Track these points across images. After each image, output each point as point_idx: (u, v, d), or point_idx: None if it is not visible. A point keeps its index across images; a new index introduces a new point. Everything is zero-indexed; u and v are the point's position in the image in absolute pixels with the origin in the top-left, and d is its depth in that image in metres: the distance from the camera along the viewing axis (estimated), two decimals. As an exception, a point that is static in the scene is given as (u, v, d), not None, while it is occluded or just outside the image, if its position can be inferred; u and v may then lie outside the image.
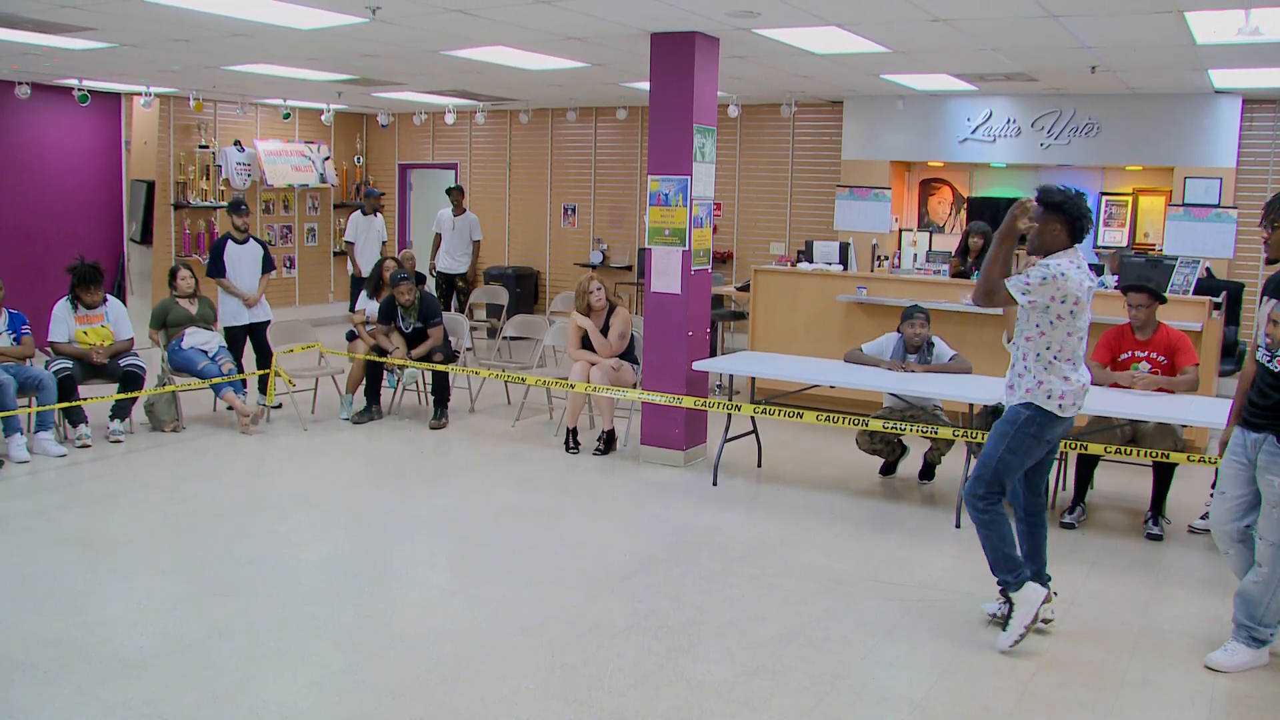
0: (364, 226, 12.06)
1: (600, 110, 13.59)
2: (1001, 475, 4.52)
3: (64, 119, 11.72)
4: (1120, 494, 6.98)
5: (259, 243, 9.25)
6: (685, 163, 7.33)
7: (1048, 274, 4.38)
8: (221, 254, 8.99)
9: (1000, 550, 4.55)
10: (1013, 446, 4.51)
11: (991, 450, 4.54)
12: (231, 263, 8.99)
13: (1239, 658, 4.36)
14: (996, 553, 4.55)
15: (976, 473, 4.57)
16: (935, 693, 4.15)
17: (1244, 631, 4.38)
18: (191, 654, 4.30)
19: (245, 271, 9.05)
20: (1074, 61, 8.19)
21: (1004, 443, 4.51)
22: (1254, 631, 4.35)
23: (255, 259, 9.13)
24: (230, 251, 9.01)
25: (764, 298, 9.60)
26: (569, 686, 4.08)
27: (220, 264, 8.98)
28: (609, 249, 13.72)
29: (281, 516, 6.24)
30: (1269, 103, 10.09)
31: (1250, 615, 4.35)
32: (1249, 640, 4.37)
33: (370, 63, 9.39)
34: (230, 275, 8.98)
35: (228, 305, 9.00)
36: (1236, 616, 4.42)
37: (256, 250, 9.15)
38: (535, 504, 6.57)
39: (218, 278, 8.98)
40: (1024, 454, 4.54)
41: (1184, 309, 7.64)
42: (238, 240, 9.07)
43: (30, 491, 6.62)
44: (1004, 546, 4.54)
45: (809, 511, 6.52)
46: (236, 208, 9.15)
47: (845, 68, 9.08)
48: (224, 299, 9.01)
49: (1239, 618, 4.41)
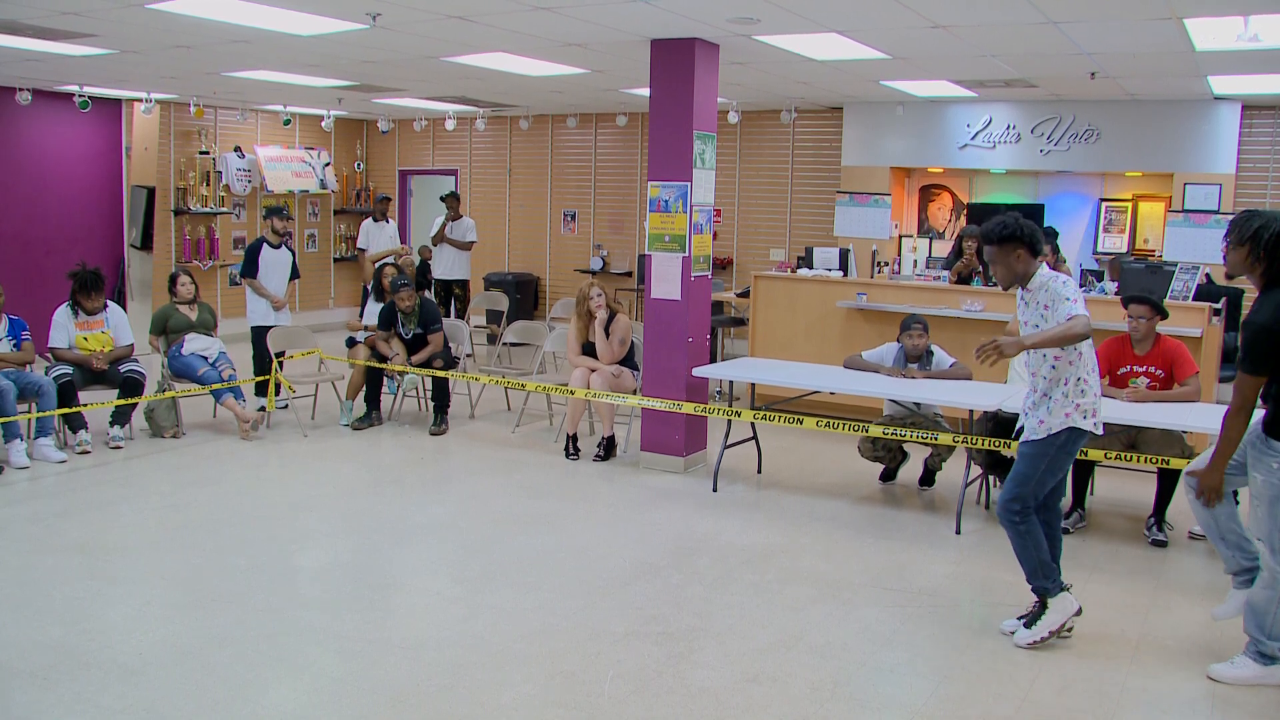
0: (375, 233, 12.13)
1: (600, 116, 13.61)
2: (1038, 493, 4.60)
3: (65, 125, 11.73)
4: (1121, 500, 6.98)
5: (290, 250, 9.40)
6: (685, 169, 7.33)
7: (1061, 281, 4.48)
8: (257, 256, 9.15)
9: (1038, 558, 4.61)
10: (1053, 468, 4.59)
11: (1029, 471, 4.57)
12: (265, 265, 9.17)
13: (1245, 672, 4.31)
14: (1034, 561, 4.61)
15: (1013, 491, 4.59)
16: (935, 700, 4.14)
17: (1253, 645, 4.33)
18: (190, 661, 4.30)
19: (276, 275, 9.22)
20: (1074, 68, 8.20)
21: (1043, 463, 4.56)
22: (1261, 645, 4.29)
23: (285, 264, 9.31)
24: (265, 255, 9.17)
25: (764, 304, 9.61)
26: (568, 693, 4.07)
27: (255, 265, 9.13)
28: (609, 255, 13.72)
29: (281, 523, 6.24)
30: (1268, 109, 10.10)
31: (1259, 626, 4.30)
32: (1257, 655, 4.31)
33: (370, 69, 9.41)
34: (261, 278, 9.12)
35: (257, 306, 9.17)
36: (1246, 627, 4.38)
37: (287, 256, 9.33)
38: (535, 510, 6.56)
39: (251, 278, 9.10)
40: (1060, 471, 4.64)
41: (1184, 315, 7.63)
42: (273, 245, 9.21)
43: (30, 497, 6.62)
44: (1040, 554, 4.61)
45: (809, 518, 6.51)
46: (278, 213, 9.33)
47: (845, 74, 9.09)
48: (253, 300, 9.18)
49: (1248, 629, 4.36)
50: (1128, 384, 6.27)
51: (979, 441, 6.30)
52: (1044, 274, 4.55)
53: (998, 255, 4.57)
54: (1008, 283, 4.63)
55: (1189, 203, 10.21)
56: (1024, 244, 4.52)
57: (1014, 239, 4.52)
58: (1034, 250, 4.55)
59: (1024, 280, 4.58)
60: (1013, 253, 4.54)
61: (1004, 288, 4.69)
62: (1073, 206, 11.37)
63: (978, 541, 6.09)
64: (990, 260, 4.62)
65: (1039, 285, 4.55)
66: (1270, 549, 4.24)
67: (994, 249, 4.57)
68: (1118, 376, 6.35)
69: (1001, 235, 4.53)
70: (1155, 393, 6.19)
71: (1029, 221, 4.57)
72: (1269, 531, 4.23)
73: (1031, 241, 4.53)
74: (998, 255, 4.57)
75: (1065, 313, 4.42)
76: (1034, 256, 4.55)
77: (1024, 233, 4.52)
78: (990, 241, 4.57)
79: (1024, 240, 4.52)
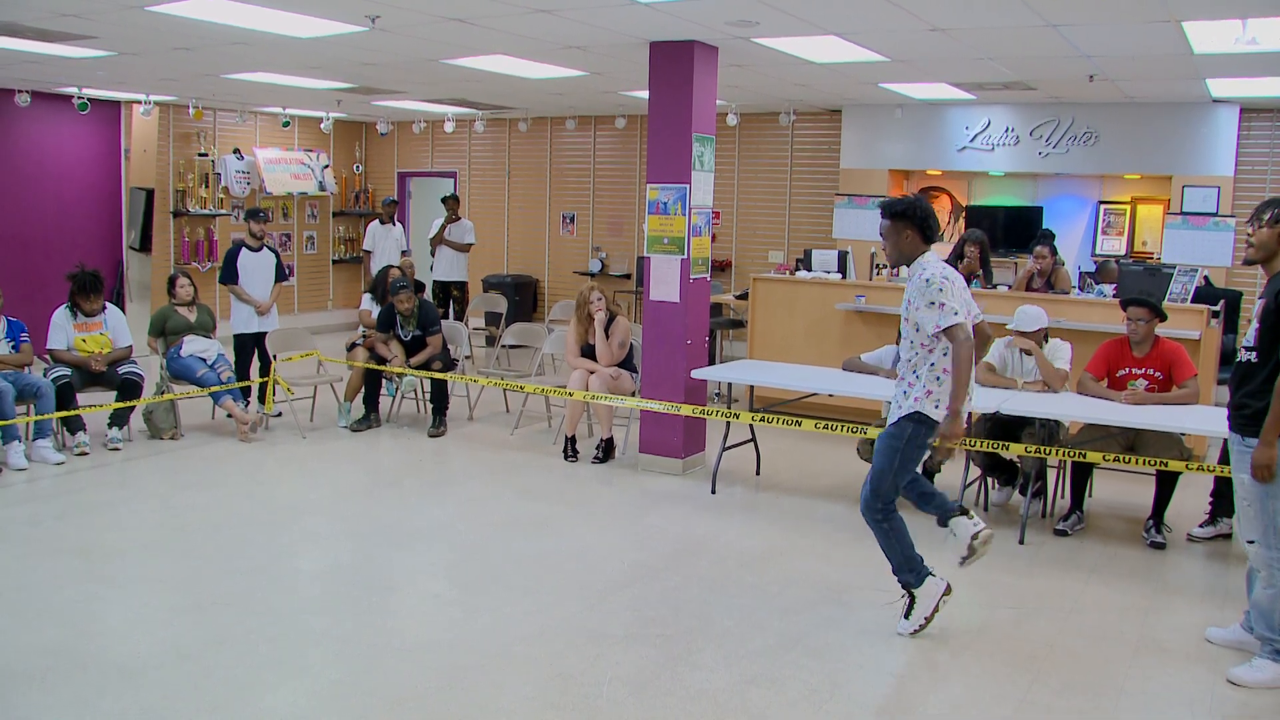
0: (382, 235, 12.16)
1: (599, 119, 13.61)
2: (897, 486, 4.67)
3: (64, 127, 11.72)
4: (1119, 502, 6.98)
5: (272, 251, 9.26)
6: (684, 171, 7.34)
7: (935, 284, 4.48)
8: (235, 261, 9.01)
9: (903, 554, 4.70)
10: (904, 462, 4.64)
11: (885, 466, 4.64)
12: (245, 270, 9.01)
13: (1264, 674, 4.31)
14: (899, 556, 4.71)
15: (872, 488, 4.66)
16: (933, 701, 4.14)
17: (1268, 645, 4.35)
18: (189, 663, 4.29)
19: (258, 279, 9.07)
20: (1072, 70, 8.20)
21: (896, 458, 4.62)
22: (1276, 643, 4.32)
23: (268, 267, 9.15)
24: (244, 259, 9.03)
25: (763, 306, 9.61)
26: (567, 696, 4.08)
27: (233, 270, 8.99)
28: (608, 257, 13.72)
29: (280, 525, 6.23)
30: (1267, 111, 10.11)
31: (1269, 626, 4.34)
32: (1274, 654, 4.32)
33: (369, 71, 9.41)
34: (243, 282, 8.99)
35: (239, 312, 9.03)
36: (1257, 630, 4.41)
37: (269, 258, 9.17)
38: (533, 513, 6.56)
39: (230, 284, 8.99)
40: (914, 463, 4.70)
41: (1182, 317, 7.64)
42: (252, 248, 9.09)
43: (28, 499, 6.62)
44: (905, 549, 4.70)
45: (808, 520, 6.51)
46: (255, 215, 9.21)
47: (844, 77, 9.10)
48: (235, 306, 9.03)
49: (1259, 631, 4.39)
50: (1126, 386, 6.28)
51: (977, 443, 6.31)
52: (924, 265, 4.57)
53: (889, 231, 4.65)
54: (893, 260, 4.74)
55: (1187, 205, 10.21)
56: (915, 225, 4.59)
57: (906, 218, 4.60)
58: (925, 235, 4.61)
59: (908, 261, 4.66)
60: (902, 232, 4.62)
61: (890, 265, 4.77)
62: (1071, 209, 11.38)
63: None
64: (882, 234, 4.70)
65: (915, 272, 4.59)
66: (1265, 545, 4.27)
67: (887, 224, 4.65)
68: (1116, 379, 6.35)
69: (894, 212, 4.63)
70: (1154, 395, 6.19)
71: (928, 206, 4.64)
72: (1262, 529, 4.27)
73: (924, 225, 4.59)
74: (889, 231, 4.65)
75: (929, 320, 4.46)
76: (924, 241, 4.62)
77: (918, 215, 4.59)
78: (885, 216, 4.66)
79: (915, 222, 4.59)
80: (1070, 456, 6.13)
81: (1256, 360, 4.24)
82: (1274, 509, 4.22)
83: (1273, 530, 4.23)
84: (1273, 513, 4.22)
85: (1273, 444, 4.14)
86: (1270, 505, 4.23)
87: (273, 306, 9.13)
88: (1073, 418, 6.26)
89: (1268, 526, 4.24)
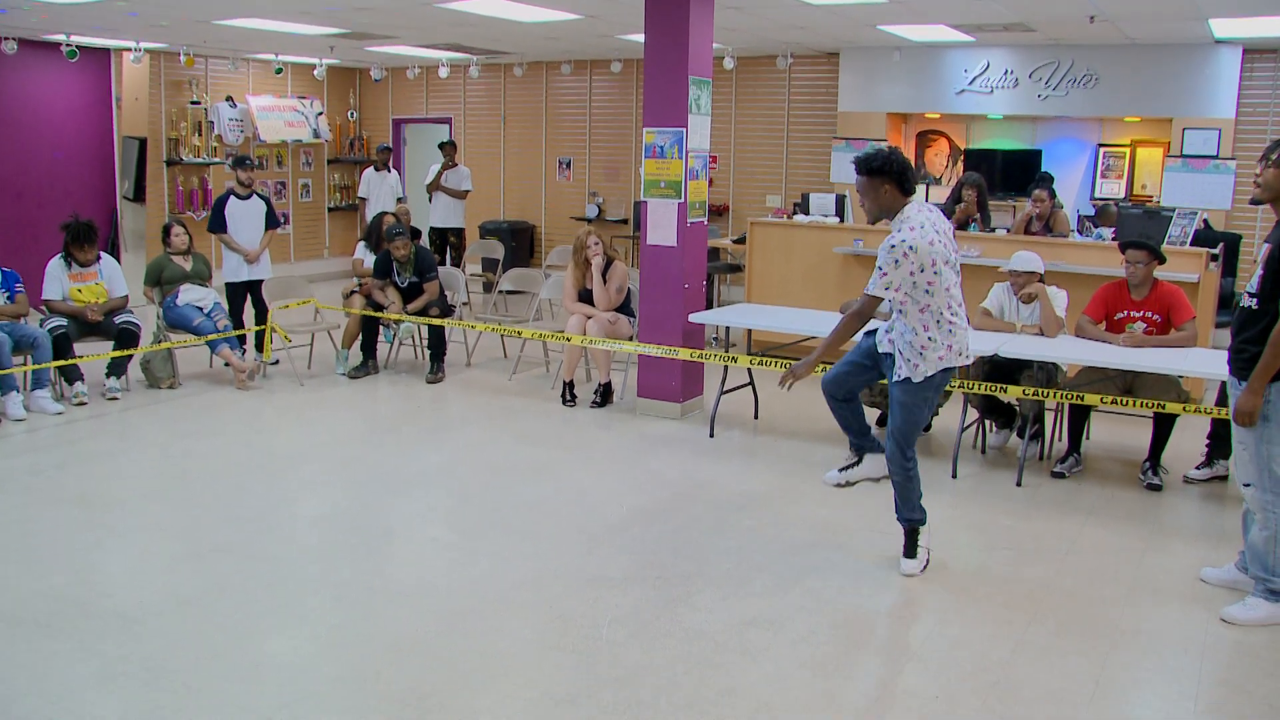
0: (377, 182, 12.07)
1: (595, 63, 13.48)
2: (913, 438, 4.72)
3: (53, 75, 11.59)
4: (1117, 444, 7.00)
5: (262, 198, 9.17)
6: (681, 115, 7.27)
7: (894, 254, 4.39)
8: (223, 209, 8.93)
9: (918, 497, 4.77)
10: (918, 414, 4.67)
11: (902, 423, 4.66)
12: (233, 218, 8.93)
13: (1257, 612, 4.35)
14: (915, 500, 4.77)
15: (895, 443, 4.69)
16: (931, 641, 4.18)
17: (1262, 585, 4.39)
18: (190, 609, 4.32)
19: (247, 227, 8.98)
20: (1072, 11, 8.11)
21: (917, 412, 4.65)
22: (1270, 583, 4.35)
23: (258, 214, 9.06)
24: (232, 207, 8.94)
25: (760, 250, 9.57)
26: (567, 638, 4.11)
27: (221, 219, 8.92)
28: (604, 202, 13.65)
29: (278, 473, 6.25)
30: (1269, 52, 10.01)
31: (1263, 566, 4.37)
32: (1267, 594, 4.36)
33: (363, 16, 9.29)
34: (231, 231, 8.91)
35: (229, 261, 8.96)
36: (1252, 570, 4.45)
37: (259, 206, 9.08)
38: (532, 457, 6.58)
39: (219, 233, 8.93)
40: (930, 407, 4.74)
41: (1181, 261, 7.62)
42: (240, 195, 9.00)
43: (27, 449, 6.63)
44: (919, 494, 4.78)
45: (806, 463, 6.53)
46: (241, 162, 9.08)
47: (841, 18, 8.99)
48: (226, 254, 8.97)
49: (1253, 571, 4.43)
50: (1124, 328, 6.27)
51: (975, 385, 6.31)
52: (902, 222, 4.46)
53: (866, 187, 4.53)
54: (873, 216, 4.61)
55: (1188, 148, 10.14)
56: (892, 179, 4.47)
57: (883, 173, 4.47)
58: (904, 188, 4.49)
59: (890, 215, 4.54)
60: (880, 187, 4.50)
61: (870, 220, 4.68)
62: (1071, 152, 11.31)
63: (974, 486, 6.11)
64: (859, 190, 4.59)
65: (895, 226, 4.49)
66: (1260, 488, 4.29)
67: (864, 180, 4.53)
68: (1114, 321, 6.34)
69: (870, 168, 4.50)
70: (1152, 337, 6.18)
71: (904, 157, 4.52)
72: (1257, 473, 4.29)
73: (901, 178, 4.48)
74: (866, 187, 4.53)
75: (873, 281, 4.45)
76: (904, 194, 4.50)
77: (894, 168, 4.46)
78: (860, 172, 4.53)
79: (893, 176, 4.47)
80: (1068, 399, 6.13)
81: (1257, 307, 4.22)
82: (1269, 453, 4.24)
83: (1268, 474, 4.26)
84: (1267, 457, 4.25)
85: (1258, 391, 4.17)
86: (1265, 450, 4.24)
87: (264, 254, 9.05)
88: (1071, 360, 6.25)
89: (1263, 470, 4.27)
